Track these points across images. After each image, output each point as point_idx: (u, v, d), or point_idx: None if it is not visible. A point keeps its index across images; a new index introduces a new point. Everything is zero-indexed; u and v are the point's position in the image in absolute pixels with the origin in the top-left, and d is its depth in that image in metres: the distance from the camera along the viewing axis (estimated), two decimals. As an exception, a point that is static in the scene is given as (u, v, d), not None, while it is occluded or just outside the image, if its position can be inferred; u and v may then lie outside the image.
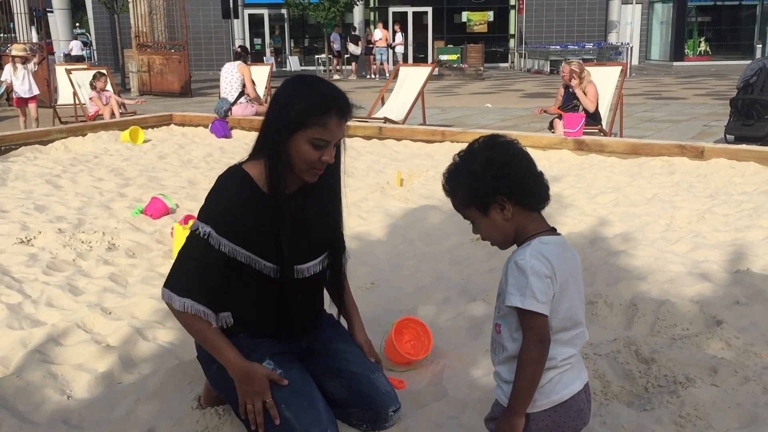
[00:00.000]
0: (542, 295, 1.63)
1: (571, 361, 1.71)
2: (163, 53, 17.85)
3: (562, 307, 1.68)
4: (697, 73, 23.96)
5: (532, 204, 1.72)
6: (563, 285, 1.67)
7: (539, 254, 1.66)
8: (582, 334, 1.72)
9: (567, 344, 1.70)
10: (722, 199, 5.46)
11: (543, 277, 1.64)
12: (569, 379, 1.69)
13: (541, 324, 1.66)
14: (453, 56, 25.64)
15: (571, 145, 7.46)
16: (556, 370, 1.69)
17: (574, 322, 1.70)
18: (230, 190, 2.15)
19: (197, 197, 5.90)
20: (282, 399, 2.16)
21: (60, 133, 8.80)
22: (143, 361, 2.96)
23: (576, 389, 1.69)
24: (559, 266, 1.67)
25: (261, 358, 2.20)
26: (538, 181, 1.71)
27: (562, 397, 1.67)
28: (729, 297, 3.54)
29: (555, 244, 1.70)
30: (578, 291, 1.75)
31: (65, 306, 3.56)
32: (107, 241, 4.63)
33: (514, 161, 1.70)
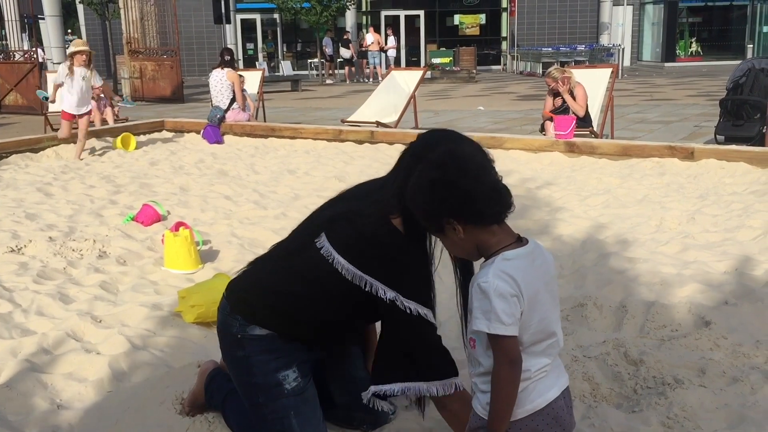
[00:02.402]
0: (508, 316, 1.61)
1: (546, 370, 1.70)
2: (155, 59, 17.82)
3: (533, 322, 1.66)
4: (688, 74, 24.04)
5: (485, 220, 1.68)
6: (532, 299, 1.65)
7: (502, 273, 1.63)
8: (555, 343, 1.70)
9: (541, 355, 1.69)
10: (712, 199, 5.49)
11: (508, 297, 1.61)
12: (544, 387, 1.68)
13: (510, 345, 1.64)
14: (445, 59, 25.66)
15: (563, 147, 7.49)
16: (530, 380, 1.68)
17: (547, 333, 1.69)
18: (410, 255, 2.01)
19: (189, 204, 5.91)
20: (293, 406, 2.16)
21: (51, 140, 8.78)
22: (134, 369, 2.95)
23: (551, 396, 1.68)
24: (525, 281, 1.64)
25: (288, 364, 2.17)
26: (487, 196, 1.66)
27: (536, 406, 1.67)
28: (718, 298, 3.55)
29: (520, 257, 1.67)
30: (552, 298, 1.73)
31: (55, 315, 3.55)
32: (98, 248, 4.63)
33: (458, 180, 1.65)
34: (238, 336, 2.19)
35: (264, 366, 2.16)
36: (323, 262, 2.04)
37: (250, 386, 2.20)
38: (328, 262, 2.03)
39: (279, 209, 5.60)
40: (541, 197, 5.74)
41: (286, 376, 2.16)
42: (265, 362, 2.16)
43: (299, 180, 6.85)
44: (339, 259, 2.02)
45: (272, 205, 5.78)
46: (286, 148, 8.84)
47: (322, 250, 2.05)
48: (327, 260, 2.04)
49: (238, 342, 2.19)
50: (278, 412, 2.17)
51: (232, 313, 2.22)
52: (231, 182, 6.75)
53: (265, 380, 2.16)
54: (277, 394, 2.16)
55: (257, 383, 2.17)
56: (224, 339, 2.27)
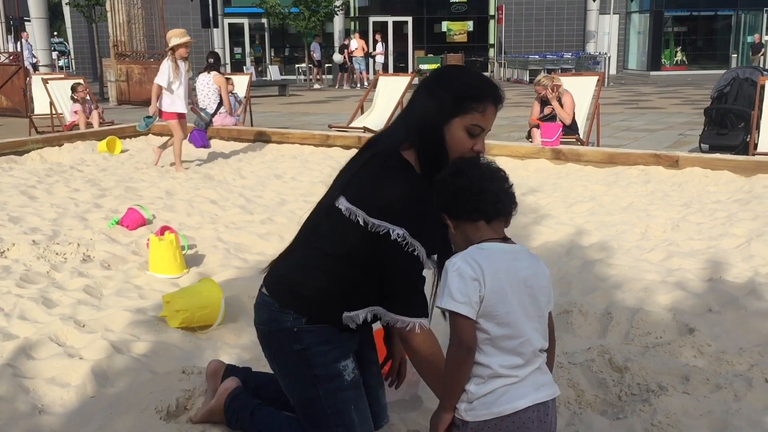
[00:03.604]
0: (460, 294, 1.64)
1: (520, 375, 1.68)
2: (142, 62, 17.73)
3: (498, 312, 1.66)
4: (673, 83, 24.24)
5: (472, 217, 1.74)
6: (499, 291, 1.66)
7: (469, 257, 1.69)
8: (527, 342, 1.68)
9: (511, 352, 1.68)
10: (696, 207, 5.53)
11: (466, 278, 1.65)
12: (516, 394, 1.66)
13: (461, 325, 1.66)
14: (433, 65, 25.74)
15: (549, 154, 7.52)
16: (500, 379, 1.67)
17: (517, 330, 1.68)
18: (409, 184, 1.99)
19: (174, 208, 5.88)
20: (353, 399, 2.13)
21: (36, 143, 8.72)
22: (117, 374, 2.93)
23: (520, 406, 1.65)
24: (492, 270, 1.66)
25: (346, 353, 2.14)
26: (474, 198, 1.73)
27: (502, 411, 1.65)
28: (702, 305, 3.58)
29: (498, 250, 1.71)
30: (532, 303, 1.72)
31: (38, 319, 3.52)
32: (82, 252, 4.59)
33: (454, 180, 1.77)
34: (294, 330, 2.12)
35: (324, 356, 2.12)
36: (346, 220, 2.01)
37: (310, 378, 2.12)
38: (350, 219, 2.00)
39: (265, 214, 5.59)
40: (527, 204, 5.75)
41: (345, 366, 2.13)
42: (324, 352, 2.12)
43: (286, 185, 6.83)
44: (356, 211, 1.99)
45: (258, 210, 5.77)
46: (273, 152, 8.82)
47: (342, 208, 2.02)
48: (348, 217, 2.01)
49: (295, 335, 2.12)
50: (339, 405, 2.12)
51: (282, 308, 2.14)
52: (217, 187, 6.73)
53: (327, 371, 2.11)
54: (338, 386, 2.12)
55: (318, 375, 2.11)
56: (274, 336, 2.18)
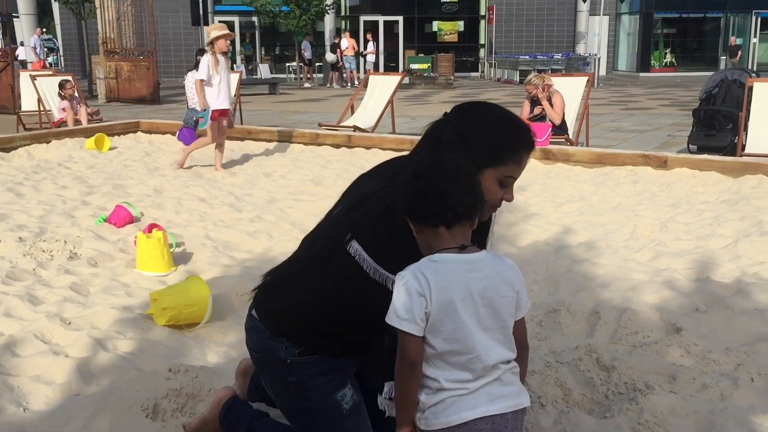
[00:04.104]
0: (404, 311, 1.61)
1: (470, 387, 1.64)
2: (131, 60, 17.64)
3: (444, 328, 1.63)
4: (663, 84, 24.36)
5: (430, 222, 1.67)
6: (446, 305, 1.62)
7: (418, 270, 1.64)
8: (476, 359, 1.64)
9: (459, 367, 1.65)
10: (684, 208, 5.55)
11: (413, 293, 1.61)
12: (465, 405, 1.63)
13: (405, 341, 1.63)
14: (424, 65, 25.78)
15: (538, 154, 7.53)
16: (446, 392, 1.65)
17: (464, 346, 1.64)
18: None
19: (163, 205, 5.85)
20: (354, 427, 2.06)
21: (23, 140, 8.66)
22: (102, 372, 2.91)
23: (467, 417, 1.62)
24: (440, 285, 1.62)
25: (343, 382, 2.06)
26: (433, 202, 1.65)
27: (450, 422, 1.63)
28: (689, 305, 3.59)
29: (448, 262, 1.64)
30: (488, 314, 1.66)
31: (24, 316, 3.49)
32: (69, 250, 4.56)
33: (413, 182, 1.69)
34: (287, 361, 2.04)
35: (320, 389, 2.04)
36: (356, 266, 1.92)
37: (308, 411, 2.06)
38: (360, 266, 1.92)
39: (254, 212, 5.57)
40: (515, 203, 5.75)
41: (343, 395, 2.05)
42: (320, 385, 2.04)
43: (275, 183, 6.81)
44: (369, 262, 1.90)
45: (247, 208, 5.75)
46: (263, 151, 8.79)
47: (352, 252, 1.93)
48: (359, 264, 1.92)
49: (288, 367, 2.05)
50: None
51: (274, 336, 2.05)
52: (206, 184, 6.70)
53: (324, 403, 2.04)
54: (337, 416, 2.05)
55: (315, 408, 2.05)
56: (268, 364, 2.11)
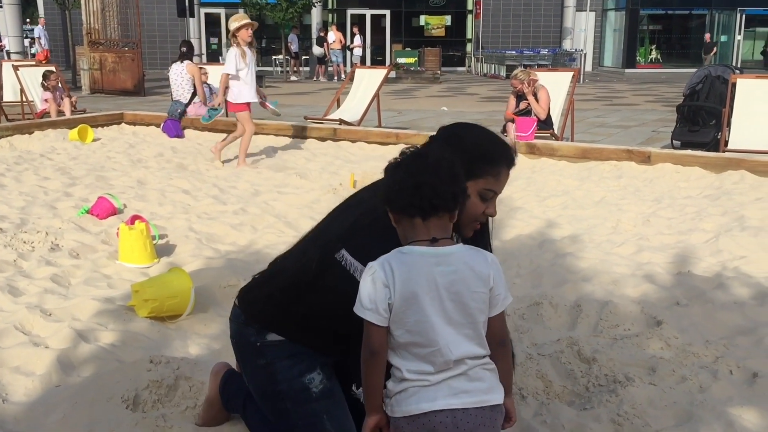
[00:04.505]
0: (369, 301, 1.65)
1: (431, 380, 1.66)
2: (116, 51, 17.49)
3: (408, 320, 1.65)
4: (648, 80, 24.49)
5: (407, 212, 1.70)
6: (410, 297, 1.64)
7: (386, 262, 1.67)
8: (438, 353, 1.65)
9: (421, 359, 1.66)
10: (667, 203, 5.59)
11: (378, 284, 1.64)
12: (425, 396, 1.65)
13: (368, 330, 1.67)
14: (411, 59, 25.72)
15: (523, 149, 7.56)
16: (408, 382, 1.67)
17: (426, 339, 1.65)
18: None
19: (146, 197, 5.81)
20: (325, 409, 2.07)
21: (5, 131, 8.58)
22: (83, 363, 2.89)
23: (426, 408, 1.64)
24: (405, 277, 1.64)
25: (312, 366, 2.09)
26: (410, 193, 1.67)
27: (410, 411, 1.65)
28: (670, 298, 3.62)
29: (415, 254, 1.67)
30: (447, 310, 1.66)
31: (3, 307, 3.46)
32: (50, 241, 4.52)
33: (393, 172, 1.73)
34: (257, 344, 2.11)
35: (287, 371, 2.08)
36: (345, 276, 1.95)
37: (275, 394, 2.11)
38: (351, 275, 1.94)
39: (238, 204, 5.55)
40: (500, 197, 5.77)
41: (311, 379, 2.08)
42: (288, 367, 2.08)
43: (260, 176, 6.79)
44: (357, 266, 1.93)
45: (232, 201, 5.72)
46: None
47: (344, 263, 1.97)
48: (350, 273, 1.94)
49: (258, 350, 2.11)
50: (309, 417, 2.08)
51: (247, 321, 2.14)
52: (190, 176, 6.66)
53: (290, 386, 2.08)
54: (306, 399, 2.07)
55: (282, 390, 2.09)
56: (242, 349, 2.19)
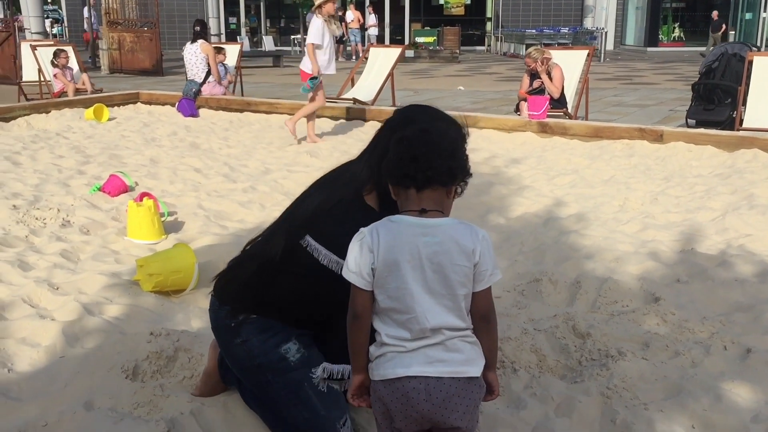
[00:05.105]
0: (354, 264, 1.71)
1: (407, 346, 1.69)
2: (134, 31, 17.60)
3: (389, 286, 1.69)
4: (670, 59, 24.13)
5: (403, 183, 1.73)
6: (392, 265, 1.68)
7: (375, 228, 1.72)
8: (414, 320, 1.68)
9: (399, 325, 1.70)
10: (676, 181, 5.56)
11: (364, 249, 1.69)
12: (400, 362, 1.69)
13: (353, 292, 1.73)
14: (429, 39, 25.55)
15: (535, 127, 7.52)
16: (386, 347, 1.71)
17: (404, 306, 1.69)
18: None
19: (158, 175, 5.88)
20: (305, 377, 2.14)
21: (23, 110, 8.69)
22: (87, 335, 2.96)
23: (400, 373, 1.67)
24: (389, 244, 1.68)
25: (287, 338, 2.16)
26: (406, 165, 1.71)
27: (386, 375, 1.69)
28: (671, 275, 3.62)
29: (403, 223, 1.71)
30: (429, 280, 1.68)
31: (13, 281, 3.54)
32: (62, 218, 4.61)
33: (395, 146, 1.76)
34: (231, 325, 2.19)
35: (263, 345, 2.15)
36: (311, 260, 2.05)
37: (255, 368, 2.17)
38: (317, 260, 2.04)
39: (248, 183, 5.60)
40: (509, 176, 5.78)
41: (287, 349, 2.14)
42: (263, 341, 2.15)
43: (271, 155, 6.83)
44: (327, 254, 2.03)
45: (242, 179, 5.78)
46: (261, 123, 8.81)
47: (309, 248, 2.06)
48: (315, 258, 2.04)
49: (233, 330, 2.19)
50: (290, 385, 2.14)
51: (221, 306, 2.23)
52: (202, 155, 6.72)
53: (268, 358, 2.14)
54: (284, 369, 2.14)
55: (261, 363, 2.16)
56: (220, 333, 2.27)
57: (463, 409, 1.67)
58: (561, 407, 2.44)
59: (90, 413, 2.36)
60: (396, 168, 1.73)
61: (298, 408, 2.15)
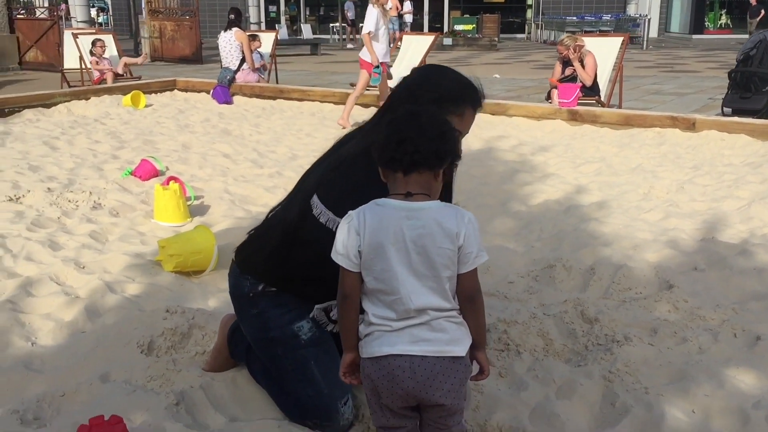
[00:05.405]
0: (342, 246, 1.74)
1: (393, 326, 1.73)
2: (175, 19, 17.89)
3: (375, 268, 1.72)
4: (716, 47, 23.56)
5: (391, 166, 1.75)
6: (377, 248, 1.71)
7: (362, 211, 1.74)
8: (399, 301, 1.71)
9: (386, 305, 1.74)
10: (705, 170, 5.47)
11: (352, 231, 1.72)
12: (386, 341, 1.72)
13: (342, 274, 1.76)
14: (468, 26, 25.42)
15: (565, 115, 7.46)
16: (374, 326, 1.75)
17: (390, 287, 1.72)
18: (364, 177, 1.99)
19: (188, 161, 6.01)
20: (313, 356, 2.20)
21: (64, 96, 8.93)
22: (107, 311, 3.08)
23: (385, 351, 1.71)
24: (375, 227, 1.71)
25: (301, 315, 2.23)
26: (393, 148, 1.73)
27: (373, 353, 1.73)
28: (688, 263, 3.59)
29: (388, 207, 1.73)
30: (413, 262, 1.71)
31: (43, 260, 3.69)
32: (93, 200, 4.75)
33: (386, 129, 1.78)
34: (250, 295, 2.26)
35: (278, 319, 2.22)
36: (321, 226, 2.08)
37: (268, 341, 2.25)
38: (325, 225, 2.07)
39: (275, 168, 5.69)
40: (534, 163, 5.76)
41: (300, 327, 2.21)
42: (278, 315, 2.22)
43: (300, 141, 6.92)
44: (331, 216, 2.06)
45: (269, 164, 5.87)
46: (293, 110, 8.91)
47: (315, 210, 2.11)
48: (324, 223, 2.08)
49: (251, 300, 2.26)
50: (298, 361, 2.21)
51: (242, 274, 2.30)
52: (233, 141, 6.84)
53: (282, 333, 2.21)
54: (295, 345, 2.21)
55: (274, 337, 2.23)
56: (238, 300, 2.34)
57: (448, 387, 1.71)
58: (562, 389, 2.46)
59: (105, 385, 2.46)
60: (383, 151, 1.76)
61: (303, 384, 2.22)
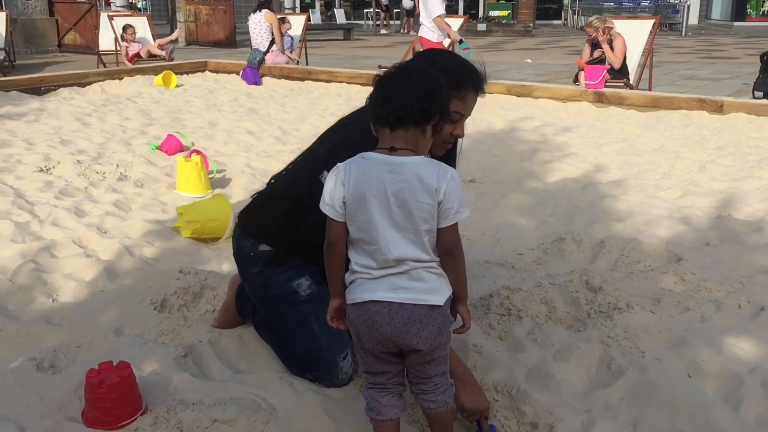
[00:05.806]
0: (329, 197, 1.79)
1: (373, 274, 1.77)
2: (210, 3, 18.09)
3: (358, 218, 1.77)
4: (758, 34, 23.01)
5: (378, 122, 1.79)
6: (360, 199, 1.75)
7: (348, 164, 1.79)
8: (378, 251, 1.76)
9: (367, 255, 1.79)
10: (729, 151, 5.42)
11: (339, 182, 1.78)
12: (366, 288, 1.78)
13: (328, 223, 1.81)
14: (504, 12, 25.19)
15: (591, 97, 7.42)
16: (356, 274, 1.81)
17: (370, 237, 1.77)
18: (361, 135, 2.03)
19: (214, 137, 6.14)
20: (312, 312, 2.27)
21: (97, 76, 9.14)
22: (125, 273, 3.20)
23: (367, 298, 1.76)
24: (358, 178, 1.76)
25: (300, 273, 2.31)
26: (381, 104, 1.76)
27: (354, 299, 1.79)
28: (701, 239, 3.59)
29: (374, 160, 1.77)
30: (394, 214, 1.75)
31: (68, 226, 3.83)
32: (120, 172, 4.90)
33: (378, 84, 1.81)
34: (251, 254, 2.36)
35: (278, 277, 2.31)
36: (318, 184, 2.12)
37: (268, 298, 2.34)
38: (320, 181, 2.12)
39: (297, 145, 5.78)
40: (555, 143, 5.75)
41: (300, 284, 2.30)
42: (278, 273, 2.31)
43: (324, 120, 6.99)
44: None
45: (292, 141, 5.96)
46: (320, 90, 8.98)
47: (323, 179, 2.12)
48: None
49: (252, 260, 2.35)
50: (298, 317, 2.29)
51: (243, 235, 2.39)
52: (258, 119, 6.95)
53: (281, 290, 2.30)
54: (295, 302, 2.30)
55: (274, 294, 2.32)
56: (240, 261, 2.43)
57: (426, 334, 1.76)
58: (560, 352, 2.49)
59: (118, 338, 2.58)
60: (372, 107, 1.80)
61: (303, 339, 2.30)
